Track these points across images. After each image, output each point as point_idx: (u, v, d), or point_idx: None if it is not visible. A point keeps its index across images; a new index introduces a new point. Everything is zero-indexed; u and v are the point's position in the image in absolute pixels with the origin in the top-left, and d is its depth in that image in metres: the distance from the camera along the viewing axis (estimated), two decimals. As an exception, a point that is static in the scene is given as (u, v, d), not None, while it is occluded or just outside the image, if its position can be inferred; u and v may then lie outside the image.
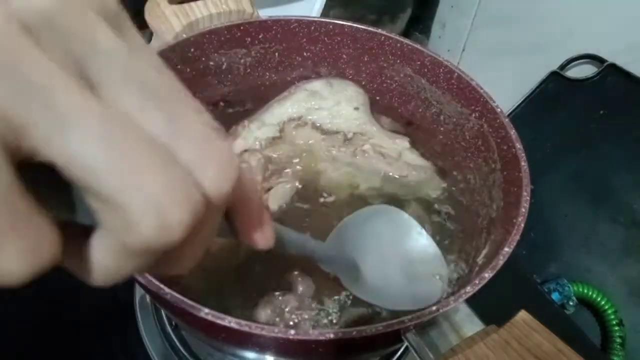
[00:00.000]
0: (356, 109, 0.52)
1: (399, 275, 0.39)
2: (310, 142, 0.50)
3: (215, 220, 0.17)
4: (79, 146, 0.13)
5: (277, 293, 0.38)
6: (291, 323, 0.37)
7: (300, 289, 0.39)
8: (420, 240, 0.41)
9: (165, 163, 0.14)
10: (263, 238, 0.21)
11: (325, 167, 0.49)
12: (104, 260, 0.15)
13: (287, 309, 0.37)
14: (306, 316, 0.37)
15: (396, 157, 0.50)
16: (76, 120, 0.13)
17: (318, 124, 0.50)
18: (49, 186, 0.14)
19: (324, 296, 0.39)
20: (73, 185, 0.14)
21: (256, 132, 0.47)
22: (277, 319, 0.37)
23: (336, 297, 0.39)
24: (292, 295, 0.38)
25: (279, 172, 0.46)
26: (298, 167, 0.48)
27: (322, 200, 0.46)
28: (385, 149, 0.50)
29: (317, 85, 0.52)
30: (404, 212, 0.43)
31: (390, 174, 0.49)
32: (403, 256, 0.40)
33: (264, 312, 0.37)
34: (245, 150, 0.46)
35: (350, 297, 0.39)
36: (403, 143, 0.51)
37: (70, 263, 0.15)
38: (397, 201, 0.47)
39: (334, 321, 0.38)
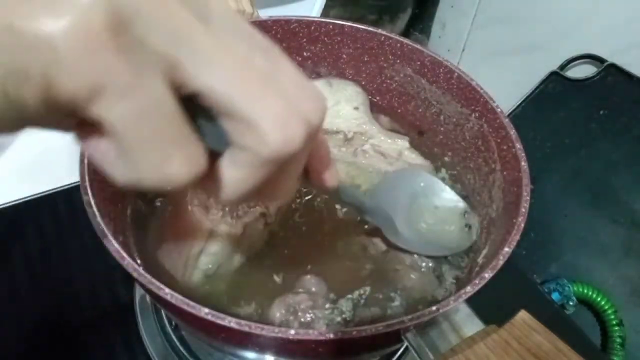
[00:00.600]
0: (356, 108, 0.52)
1: (432, 226, 0.44)
2: None
3: (308, 149, 0.21)
4: (221, 78, 0.17)
5: (290, 293, 0.38)
6: (304, 321, 0.37)
7: (314, 288, 0.39)
8: (446, 196, 0.45)
9: (280, 92, 0.18)
10: (331, 177, 0.26)
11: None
12: (236, 174, 0.19)
13: (300, 308, 0.37)
14: (320, 315, 0.37)
15: (396, 156, 0.50)
16: (216, 59, 0.17)
17: None
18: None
19: (338, 295, 0.39)
20: (202, 118, 0.18)
21: None
22: (291, 318, 0.37)
23: (349, 296, 0.39)
24: (305, 295, 0.38)
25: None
26: None
27: (322, 198, 0.46)
28: (385, 149, 0.50)
29: (316, 85, 0.52)
30: (427, 173, 0.47)
31: (390, 172, 0.49)
32: (433, 210, 0.45)
33: (278, 311, 0.37)
34: None
35: (364, 297, 0.39)
36: (403, 143, 0.51)
37: (202, 184, 0.19)
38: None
39: (348, 319, 0.38)
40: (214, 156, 0.19)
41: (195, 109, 0.18)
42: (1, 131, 0.18)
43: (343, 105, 0.51)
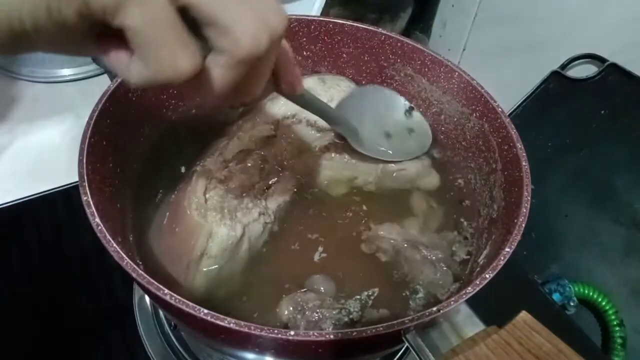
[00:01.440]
0: None
1: (394, 136, 0.49)
2: (306, 139, 0.49)
3: (274, 53, 0.26)
4: None
5: (299, 291, 0.38)
6: (311, 320, 0.36)
7: (322, 288, 0.39)
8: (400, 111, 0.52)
9: (252, 6, 0.23)
10: (298, 84, 0.33)
11: (322, 164, 0.48)
12: (219, 72, 0.24)
13: (308, 307, 0.37)
14: (327, 314, 0.37)
15: None
16: None
17: (312, 121, 0.50)
18: None
19: (346, 296, 0.39)
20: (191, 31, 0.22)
21: (250, 131, 0.47)
22: (299, 316, 0.37)
23: (357, 297, 0.39)
24: (313, 294, 0.38)
25: (276, 170, 0.46)
26: (295, 164, 0.47)
27: (321, 196, 0.46)
28: None
29: (309, 82, 0.52)
30: (389, 89, 0.53)
31: (388, 167, 0.49)
32: (390, 122, 0.50)
33: (286, 309, 0.37)
34: (241, 150, 0.45)
35: (372, 298, 0.39)
36: None
37: (191, 85, 0.23)
38: (397, 196, 0.47)
39: (355, 320, 0.38)
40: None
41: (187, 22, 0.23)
42: (42, 47, 0.22)
43: (337, 102, 0.51)
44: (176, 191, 0.42)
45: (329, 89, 0.51)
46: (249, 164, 0.44)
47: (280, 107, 0.49)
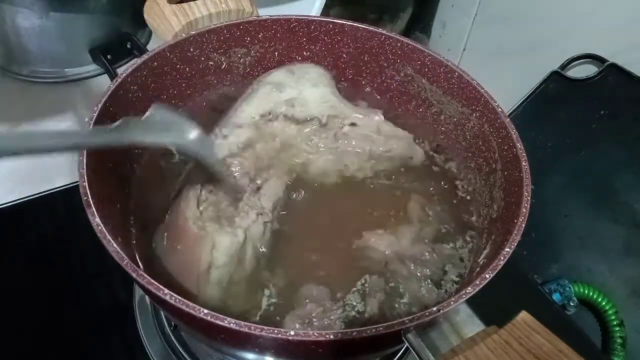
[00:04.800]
0: (322, 90, 0.50)
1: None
2: (287, 134, 0.48)
3: None
4: None
5: (298, 307, 0.38)
6: (324, 327, 0.37)
7: (315, 293, 0.39)
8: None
9: None
10: None
11: (309, 157, 0.47)
12: None
13: (313, 317, 0.37)
14: (334, 317, 0.37)
15: (376, 132, 0.49)
16: None
17: (290, 115, 0.48)
18: None
19: (343, 292, 0.39)
20: None
21: (230, 136, 0.46)
22: (309, 329, 0.36)
23: (354, 290, 0.39)
24: (313, 304, 0.38)
25: (265, 170, 0.45)
26: (282, 161, 0.47)
27: (314, 189, 0.46)
28: (362, 127, 0.49)
29: (278, 75, 0.50)
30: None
31: (375, 150, 0.48)
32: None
33: (292, 327, 0.37)
34: (225, 157, 0.44)
35: (367, 286, 0.40)
36: (377, 116, 0.49)
37: None
38: (394, 197, 0.47)
39: (361, 311, 0.38)
40: None
41: None
42: None
43: (310, 91, 0.49)
44: (169, 212, 0.41)
45: (299, 79, 0.50)
46: (235, 169, 0.44)
47: (254, 106, 0.48)
